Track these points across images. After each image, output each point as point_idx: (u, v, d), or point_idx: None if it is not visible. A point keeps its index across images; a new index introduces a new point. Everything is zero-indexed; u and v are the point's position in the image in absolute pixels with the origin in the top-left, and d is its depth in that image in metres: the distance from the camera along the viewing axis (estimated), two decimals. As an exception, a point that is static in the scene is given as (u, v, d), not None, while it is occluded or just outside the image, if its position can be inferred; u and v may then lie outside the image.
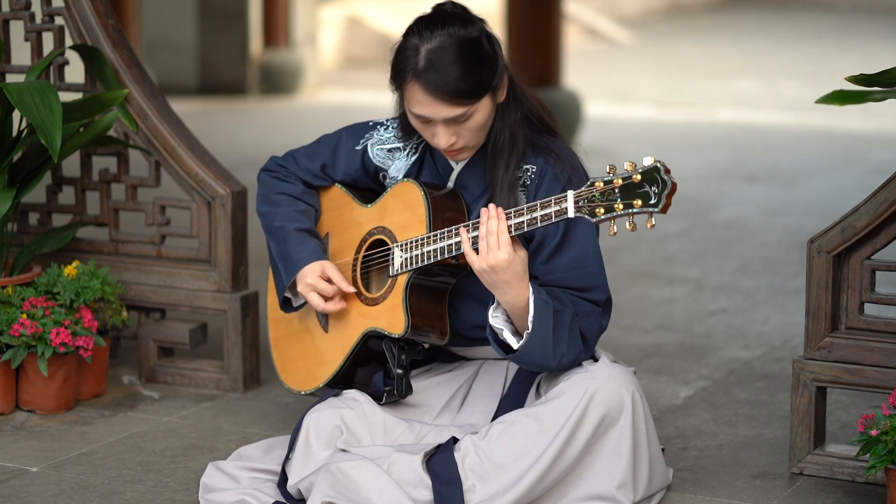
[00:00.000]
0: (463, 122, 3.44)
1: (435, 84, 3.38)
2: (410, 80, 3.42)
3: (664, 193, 3.12)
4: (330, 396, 3.57)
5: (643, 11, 21.29)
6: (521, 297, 3.35)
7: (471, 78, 3.39)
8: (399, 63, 3.45)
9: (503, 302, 3.38)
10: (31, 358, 4.18)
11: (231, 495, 3.52)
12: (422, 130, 3.51)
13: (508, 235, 3.30)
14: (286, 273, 3.72)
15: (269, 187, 3.84)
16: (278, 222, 3.76)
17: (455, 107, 3.40)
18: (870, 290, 3.73)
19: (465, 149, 3.51)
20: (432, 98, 3.40)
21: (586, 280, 3.49)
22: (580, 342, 3.44)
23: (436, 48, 3.40)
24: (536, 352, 3.38)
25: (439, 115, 3.42)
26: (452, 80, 3.37)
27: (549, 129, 3.62)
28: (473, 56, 3.40)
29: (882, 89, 3.35)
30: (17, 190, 4.32)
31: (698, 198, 7.93)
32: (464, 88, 3.39)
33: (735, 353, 5.00)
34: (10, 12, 4.63)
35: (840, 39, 17.57)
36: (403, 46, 3.45)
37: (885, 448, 3.42)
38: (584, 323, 3.46)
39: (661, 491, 3.56)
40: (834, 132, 10.56)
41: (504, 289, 3.34)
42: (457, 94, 3.39)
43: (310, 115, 11.56)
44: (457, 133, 3.46)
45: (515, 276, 3.33)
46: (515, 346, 3.39)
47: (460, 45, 3.40)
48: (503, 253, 3.30)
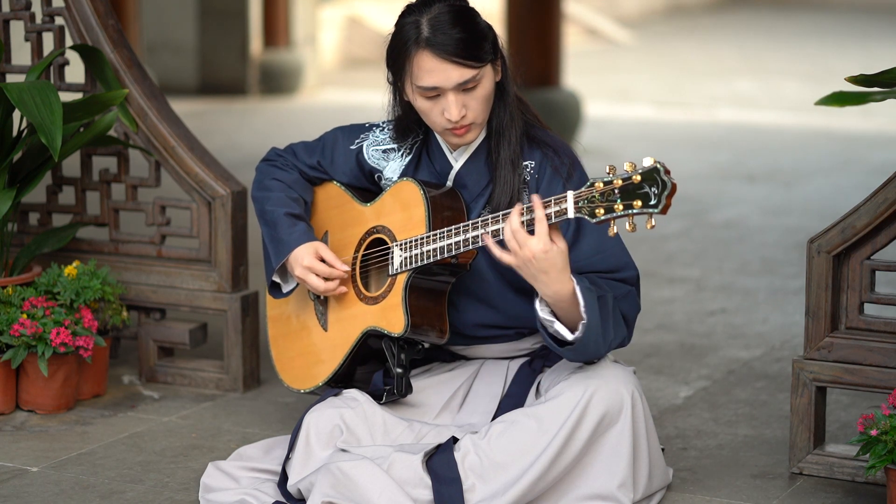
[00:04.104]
0: (472, 91, 3.46)
1: (443, 45, 3.42)
2: (417, 51, 3.45)
3: (664, 194, 3.11)
4: (330, 396, 3.58)
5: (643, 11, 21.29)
6: (564, 290, 3.32)
7: (475, 37, 3.45)
8: (400, 40, 3.49)
9: (545, 295, 3.34)
10: (32, 358, 4.19)
11: (231, 495, 3.53)
12: (429, 110, 3.51)
13: (545, 225, 3.27)
14: (276, 255, 3.72)
15: (265, 174, 3.86)
16: (270, 206, 3.77)
17: (464, 68, 3.43)
18: (870, 290, 3.73)
19: (473, 125, 3.51)
20: (442, 61, 3.43)
21: (611, 261, 3.49)
22: (623, 326, 3.44)
23: (436, 15, 3.46)
24: (591, 341, 3.35)
25: (450, 80, 3.43)
26: (459, 39, 3.43)
27: (538, 121, 3.64)
28: (471, 20, 3.49)
29: (882, 90, 3.35)
30: (18, 190, 4.32)
31: (698, 198, 7.93)
32: (470, 46, 3.44)
33: (735, 353, 5.00)
34: (10, 12, 4.63)
35: (840, 39, 17.57)
36: (401, 25, 3.51)
37: (884, 448, 3.42)
38: (624, 305, 3.46)
39: (661, 490, 3.57)
40: (834, 132, 10.56)
41: (545, 280, 3.30)
42: (465, 55, 3.43)
43: (310, 115, 11.56)
44: (466, 104, 3.47)
45: (554, 268, 3.28)
46: (570, 337, 3.38)
47: (458, 11, 3.48)
48: (539, 243, 3.27)
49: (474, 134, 3.54)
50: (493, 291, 3.61)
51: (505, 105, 3.56)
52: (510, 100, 3.57)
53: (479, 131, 3.55)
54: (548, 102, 8.95)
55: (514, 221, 3.28)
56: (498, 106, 3.56)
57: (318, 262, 3.65)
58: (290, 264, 3.70)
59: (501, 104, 3.56)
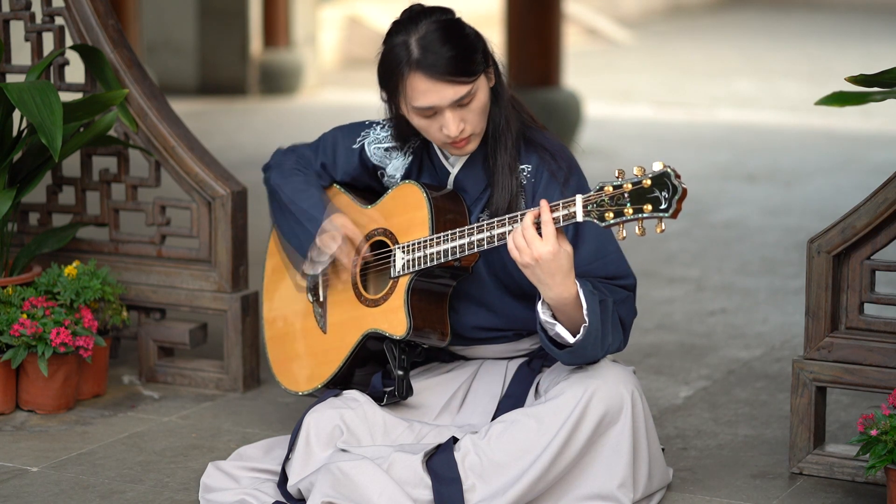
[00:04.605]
0: (468, 105, 3.45)
1: (435, 65, 3.40)
2: (409, 73, 3.42)
3: (675, 199, 3.13)
4: (330, 396, 3.57)
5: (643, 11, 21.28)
6: (567, 293, 3.32)
7: (465, 53, 3.43)
8: (390, 63, 3.46)
9: (548, 298, 3.34)
10: (32, 358, 4.19)
11: (231, 495, 3.53)
12: (428, 127, 3.50)
13: (553, 227, 3.27)
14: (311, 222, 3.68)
15: (287, 161, 3.82)
16: (296, 183, 3.74)
17: (458, 85, 3.41)
18: (870, 290, 3.74)
19: (472, 136, 3.51)
20: (435, 81, 3.41)
21: (610, 268, 3.49)
22: (620, 330, 3.45)
23: (425, 34, 3.43)
24: (590, 344, 3.36)
25: (445, 99, 3.42)
26: (451, 57, 3.40)
27: (534, 121, 3.64)
28: (461, 34, 3.46)
29: (882, 90, 3.35)
30: (18, 190, 4.33)
31: (698, 198, 7.92)
32: (462, 63, 3.41)
33: (735, 353, 5.00)
34: (10, 12, 4.63)
35: (840, 39, 17.57)
36: (390, 47, 3.47)
37: (884, 448, 3.42)
38: (622, 310, 3.46)
39: (661, 490, 3.57)
40: (834, 132, 10.56)
41: (549, 283, 3.30)
42: (457, 70, 3.40)
43: (310, 115, 11.56)
44: (463, 119, 3.46)
45: (560, 270, 3.28)
46: (571, 340, 3.38)
47: (447, 28, 3.45)
48: (548, 245, 3.27)
49: (474, 144, 3.54)
50: (491, 295, 3.61)
51: (500, 108, 3.55)
52: (504, 103, 3.55)
53: (478, 141, 3.55)
54: (548, 102, 8.95)
55: (527, 220, 3.28)
56: (493, 110, 3.54)
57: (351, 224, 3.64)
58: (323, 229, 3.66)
59: (497, 108, 3.54)
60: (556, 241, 3.26)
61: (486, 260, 3.56)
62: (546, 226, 3.26)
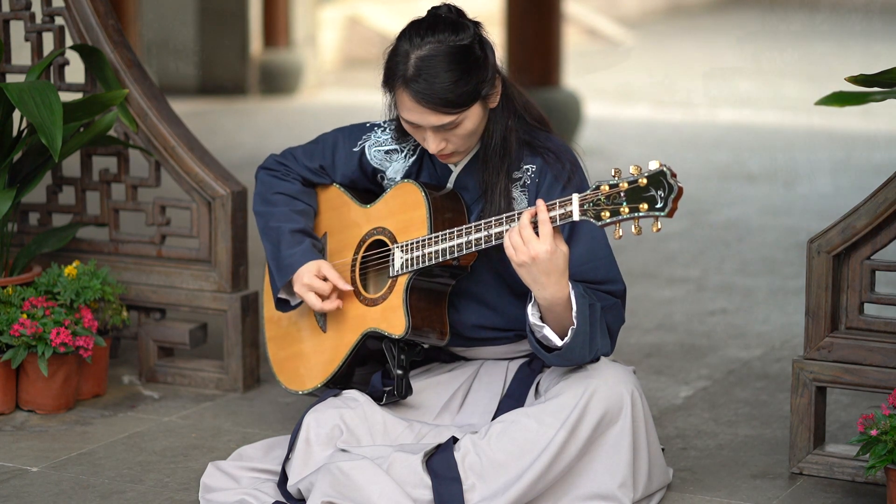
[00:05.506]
0: (452, 129, 3.44)
1: (422, 93, 3.38)
2: (400, 87, 3.42)
3: (671, 197, 3.13)
4: (329, 396, 3.58)
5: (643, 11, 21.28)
6: (560, 293, 3.31)
7: (459, 87, 3.38)
8: (390, 68, 3.46)
9: (541, 298, 3.33)
10: (32, 358, 4.19)
11: (231, 495, 3.53)
12: (413, 133, 3.52)
13: (550, 227, 3.26)
14: (279, 276, 3.72)
15: (267, 186, 3.83)
16: (274, 223, 3.76)
17: (443, 115, 3.40)
18: (870, 290, 3.74)
19: (455, 153, 3.51)
20: (420, 106, 3.40)
21: (600, 273, 3.48)
22: (608, 336, 3.44)
23: (425, 56, 3.39)
24: (577, 348, 3.35)
25: (427, 122, 3.42)
26: (441, 89, 3.37)
27: (545, 125, 3.63)
28: (463, 65, 3.39)
29: (882, 90, 3.34)
30: (18, 190, 4.33)
31: (698, 198, 7.93)
32: (452, 98, 3.38)
33: (735, 353, 5.00)
34: (10, 12, 4.63)
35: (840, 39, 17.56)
36: (395, 52, 3.46)
37: (884, 448, 3.42)
38: (609, 317, 3.46)
39: (661, 490, 3.57)
40: (834, 132, 10.56)
41: (544, 282, 3.30)
42: (444, 104, 3.38)
43: (310, 115, 11.56)
44: (446, 139, 3.46)
45: (556, 270, 3.28)
46: (559, 343, 3.38)
47: (450, 54, 3.39)
48: (545, 244, 3.27)
49: (459, 158, 3.54)
50: (491, 293, 3.61)
51: (497, 129, 3.52)
52: (503, 126, 3.52)
53: (464, 155, 3.55)
54: (548, 102, 8.95)
55: (524, 219, 3.28)
56: (490, 129, 3.51)
57: (318, 280, 3.64)
58: (293, 282, 3.70)
59: (494, 128, 3.51)
60: (553, 241, 3.26)
61: (488, 258, 3.56)
62: (543, 225, 3.26)
